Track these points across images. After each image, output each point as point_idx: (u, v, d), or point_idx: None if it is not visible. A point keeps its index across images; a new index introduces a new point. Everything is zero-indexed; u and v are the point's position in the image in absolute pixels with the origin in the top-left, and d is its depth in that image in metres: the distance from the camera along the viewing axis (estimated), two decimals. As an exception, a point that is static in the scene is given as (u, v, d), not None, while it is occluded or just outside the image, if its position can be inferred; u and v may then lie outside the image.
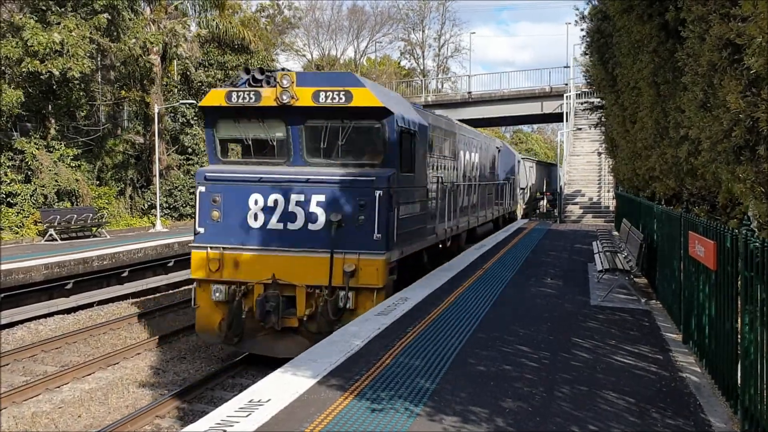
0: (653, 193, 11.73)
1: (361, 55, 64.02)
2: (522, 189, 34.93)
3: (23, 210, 22.41)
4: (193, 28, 31.65)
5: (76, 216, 21.76)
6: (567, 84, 40.41)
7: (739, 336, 5.40)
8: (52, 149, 23.88)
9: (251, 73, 11.24)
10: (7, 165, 22.58)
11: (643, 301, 10.69)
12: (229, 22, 32.18)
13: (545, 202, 41.22)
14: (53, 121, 24.77)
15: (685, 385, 6.41)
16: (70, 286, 16.34)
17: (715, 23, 5.12)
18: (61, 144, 24.28)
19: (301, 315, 10.72)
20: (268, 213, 10.90)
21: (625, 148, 14.45)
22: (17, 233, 21.54)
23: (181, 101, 29.20)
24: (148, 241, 20.33)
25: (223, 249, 10.98)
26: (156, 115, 26.43)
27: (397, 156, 11.28)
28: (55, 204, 23.04)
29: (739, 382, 5.37)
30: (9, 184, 22.36)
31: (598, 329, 8.68)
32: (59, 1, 23.01)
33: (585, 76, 24.64)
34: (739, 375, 5.37)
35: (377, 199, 10.61)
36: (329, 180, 10.84)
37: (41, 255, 17.00)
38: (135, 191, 29.66)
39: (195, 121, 30.58)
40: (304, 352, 7.46)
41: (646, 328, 8.84)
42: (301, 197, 10.83)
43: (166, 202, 29.11)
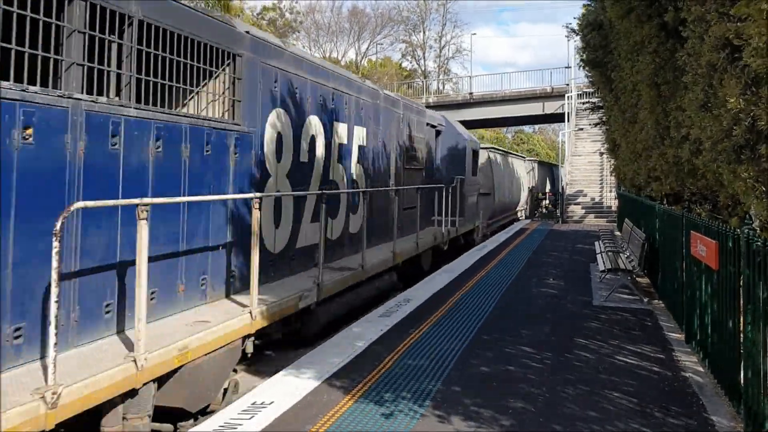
0: (659, 193, 11.72)
1: (362, 57, 64.12)
2: (486, 196, 24.02)
3: None
4: None
5: None
6: (568, 84, 40.41)
7: (741, 335, 5.41)
8: None
9: None
10: None
11: (645, 300, 10.70)
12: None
13: (547, 202, 41.23)
14: None
15: (688, 385, 6.42)
16: None
17: (713, 23, 5.13)
18: None
19: None
20: None
21: (626, 148, 14.45)
22: None
23: None
24: None
25: None
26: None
27: None
28: None
29: (742, 381, 5.38)
30: None
31: (600, 329, 8.69)
32: None
33: (587, 75, 24.61)
34: (741, 374, 5.38)
35: None
36: None
37: None
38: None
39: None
40: (306, 354, 7.47)
41: (648, 328, 8.85)
42: None
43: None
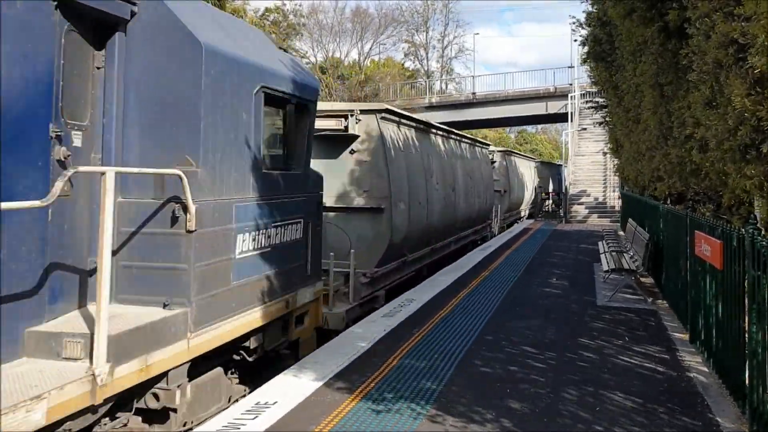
0: (663, 193, 11.70)
1: (365, 57, 64.09)
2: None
3: None
4: None
5: None
6: (571, 84, 40.36)
7: (746, 335, 5.38)
8: None
9: None
10: None
11: (649, 300, 10.66)
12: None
13: (550, 202, 41.17)
14: None
15: (693, 385, 6.39)
16: None
17: (719, 21, 5.11)
18: None
19: None
20: None
21: (629, 148, 14.42)
22: None
23: None
24: None
25: None
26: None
27: None
28: None
29: (746, 381, 5.35)
30: None
31: (604, 329, 8.66)
32: None
33: (589, 75, 24.58)
34: (746, 374, 5.35)
35: None
36: None
37: None
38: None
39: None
40: (309, 355, 7.46)
41: (652, 328, 8.82)
42: None
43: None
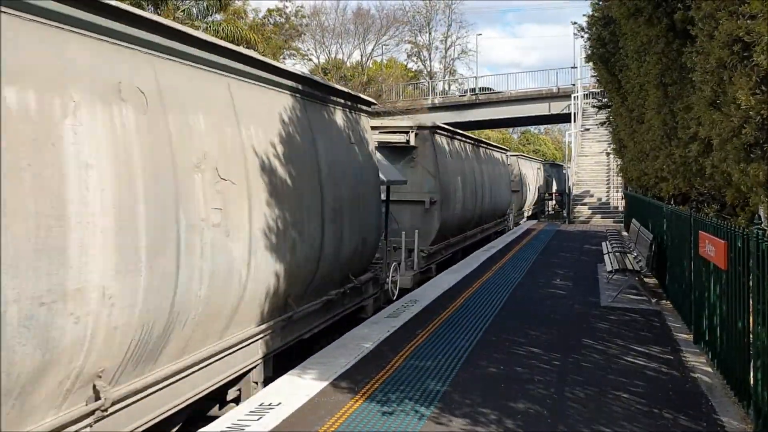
0: (666, 193, 11.67)
1: (368, 58, 64.07)
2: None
3: None
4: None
5: None
6: (574, 84, 40.28)
7: (751, 336, 5.37)
8: None
9: None
10: None
11: (653, 301, 10.64)
12: (235, 25, 32.29)
13: (553, 202, 41.11)
14: None
15: (697, 386, 6.38)
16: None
17: (723, 20, 5.10)
18: None
19: None
20: None
21: (633, 148, 14.39)
22: None
23: None
24: None
25: None
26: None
27: None
28: None
29: (751, 382, 5.33)
30: None
31: (608, 330, 8.65)
32: None
33: (593, 76, 24.54)
34: (751, 375, 5.34)
35: None
36: None
37: None
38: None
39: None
40: (314, 355, 7.46)
41: (656, 329, 8.80)
42: None
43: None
